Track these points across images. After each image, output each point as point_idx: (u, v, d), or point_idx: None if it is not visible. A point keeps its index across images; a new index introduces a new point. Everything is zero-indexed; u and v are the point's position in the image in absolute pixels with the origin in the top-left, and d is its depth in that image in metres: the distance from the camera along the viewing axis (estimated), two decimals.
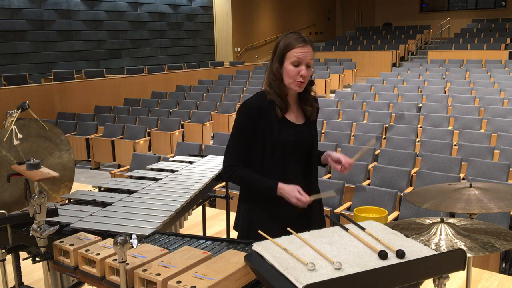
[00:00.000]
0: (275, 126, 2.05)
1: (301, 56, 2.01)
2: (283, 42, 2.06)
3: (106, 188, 2.75)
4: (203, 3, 15.70)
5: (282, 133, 2.06)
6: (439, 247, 1.70)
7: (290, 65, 2.02)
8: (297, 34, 2.08)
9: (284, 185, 2.01)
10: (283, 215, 2.08)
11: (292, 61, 2.02)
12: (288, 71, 2.02)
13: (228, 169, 2.10)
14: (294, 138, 2.09)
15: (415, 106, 8.52)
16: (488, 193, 2.00)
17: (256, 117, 2.05)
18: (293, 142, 2.09)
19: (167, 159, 4.52)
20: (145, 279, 1.53)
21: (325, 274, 1.27)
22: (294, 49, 2.02)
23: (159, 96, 11.06)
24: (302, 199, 1.97)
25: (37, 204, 1.77)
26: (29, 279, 2.91)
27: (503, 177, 4.88)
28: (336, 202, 4.46)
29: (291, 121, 2.11)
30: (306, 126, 2.15)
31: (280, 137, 2.05)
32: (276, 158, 2.06)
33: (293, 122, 2.11)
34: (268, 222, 2.09)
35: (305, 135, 2.13)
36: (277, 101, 2.05)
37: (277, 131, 2.05)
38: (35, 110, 3.12)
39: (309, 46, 2.04)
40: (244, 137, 2.08)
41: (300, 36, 2.06)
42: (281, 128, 2.06)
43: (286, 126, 2.08)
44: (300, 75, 2.01)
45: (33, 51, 11.34)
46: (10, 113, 2.48)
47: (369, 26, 19.93)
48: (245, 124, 2.07)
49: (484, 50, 13.69)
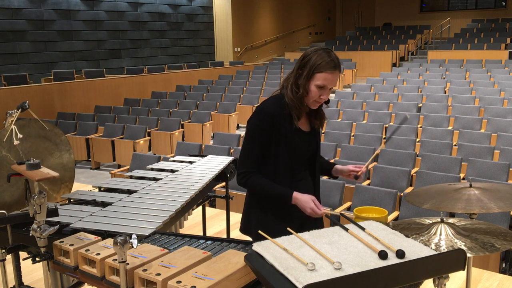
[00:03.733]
0: (289, 134, 2.09)
1: (328, 83, 2.03)
2: (314, 60, 2.01)
3: (106, 188, 2.75)
4: (203, 3, 15.70)
5: (295, 141, 2.10)
6: (439, 247, 1.70)
7: (315, 87, 2.03)
8: (329, 54, 2.03)
9: (299, 195, 2.04)
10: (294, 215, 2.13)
11: (317, 84, 2.02)
12: (311, 91, 2.04)
13: (242, 175, 2.11)
14: (303, 146, 2.14)
15: (415, 106, 8.52)
16: (488, 193, 2.00)
17: (271, 124, 2.06)
18: (302, 150, 2.15)
19: (167, 159, 4.52)
20: (145, 279, 1.53)
21: (325, 274, 1.27)
22: (323, 72, 2.01)
23: (159, 96, 11.06)
24: (317, 211, 2.01)
25: (37, 204, 1.77)
26: (29, 279, 2.91)
27: (503, 177, 4.88)
28: (336, 202, 4.47)
29: (302, 129, 2.15)
30: (313, 134, 2.20)
31: (293, 145, 2.10)
32: (288, 165, 2.10)
33: (303, 129, 2.15)
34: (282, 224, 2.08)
35: (312, 143, 2.19)
36: (295, 112, 2.08)
37: (290, 138, 2.09)
38: (35, 110, 3.12)
39: (338, 74, 2.05)
40: (259, 144, 2.09)
41: (332, 60, 2.03)
42: (294, 136, 2.10)
43: (298, 134, 2.12)
44: (321, 98, 2.06)
45: (33, 51, 11.34)
46: (10, 113, 2.48)
47: (369, 26, 19.93)
48: (261, 131, 2.08)
49: (484, 50, 13.69)
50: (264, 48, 17.86)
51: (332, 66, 2.01)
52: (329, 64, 2.00)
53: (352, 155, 5.77)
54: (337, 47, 16.40)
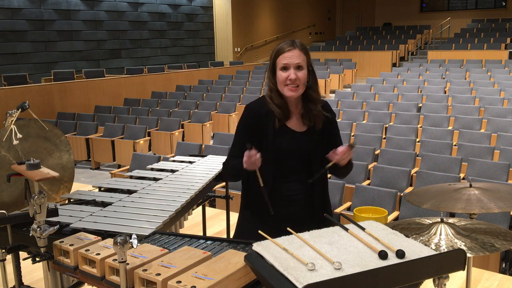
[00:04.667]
0: (271, 132, 2.06)
1: (287, 60, 1.99)
2: (274, 51, 2.05)
3: (106, 188, 2.75)
4: (203, 3, 15.70)
5: (276, 140, 2.06)
6: (439, 247, 1.70)
7: (280, 72, 2.01)
8: (289, 40, 2.06)
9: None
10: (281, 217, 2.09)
11: (280, 67, 2.01)
12: (278, 77, 2.02)
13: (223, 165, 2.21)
14: (288, 145, 2.08)
15: (415, 106, 8.52)
16: (488, 193, 2.00)
17: (254, 122, 2.09)
18: (287, 149, 2.08)
19: (167, 159, 4.52)
20: (145, 279, 1.53)
21: (325, 274, 1.27)
22: (281, 55, 2.01)
23: (159, 96, 11.06)
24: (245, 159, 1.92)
25: (37, 204, 1.77)
26: (29, 279, 2.91)
27: (503, 177, 4.88)
28: (336, 202, 4.46)
29: (290, 128, 2.10)
30: (307, 134, 2.11)
31: (274, 144, 2.06)
32: (270, 163, 2.06)
33: (293, 129, 2.10)
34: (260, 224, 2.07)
35: (304, 142, 2.10)
36: (276, 112, 2.05)
37: (272, 137, 2.06)
38: (35, 110, 3.12)
39: (296, 49, 2.00)
40: (241, 139, 2.12)
41: (289, 41, 2.04)
42: (277, 135, 2.07)
43: (283, 133, 2.08)
44: (289, 79, 1.99)
45: (33, 51, 11.34)
46: (10, 113, 2.48)
47: (369, 26, 19.94)
48: (244, 127, 2.13)
49: (484, 50, 13.69)
50: (264, 48, 17.85)
51: (289, 45, 2.01)
52: (284, 45, 2.01)
53: (352, 155, 5.75)
54: (337, 47, 16.40)
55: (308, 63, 2.04)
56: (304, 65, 2.01)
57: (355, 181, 4.96)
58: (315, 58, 15.24)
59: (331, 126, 2.18)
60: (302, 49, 2.02)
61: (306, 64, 2.03)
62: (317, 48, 16.96)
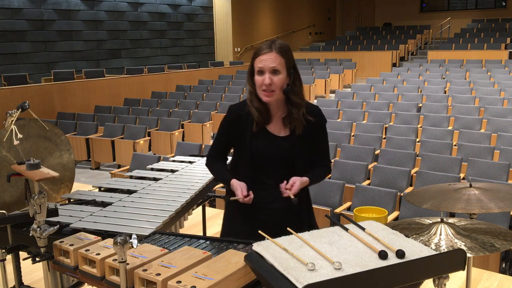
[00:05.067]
0: (249, 135, 2.02)
1: (263, 64, 1.92)
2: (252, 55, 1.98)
3: (106, 188, 2.75)
4: (203, 3, 15.69)
5: (253, 143, 2.02)
6: (439, 247, 1.70)
7: (257, 76, 1.95)
8: (268, 41, 1.98)
9: (234, 181, 2.03)
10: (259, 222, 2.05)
11: (257, 71, 1.95)
12: (255, 80, 1.96)
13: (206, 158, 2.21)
14: (266, 150, 2.02)
15: (415, 106, 8.52)
16: (488, 193, 2.00)
17: (234, 123, 2.07)
18: (264, 153, 2.03)
19: (167, 159, 4.52)
20: (145, 279, 1.53)
21: (325, 274, 1.27)
22: (257, 57, 1.95)
23: (159, 96, 11.06)
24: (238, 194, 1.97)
25: (37, 204, 1.77)
26: (29, 279, 2.91)
27: (503, 177, 4.88)
28: (336, 202, 4.47)
29: (270, 132, 2.04)
30: (288, 139, 2.03)
31: (251, 147, 2.02)
32: (247, 166, 2.04)
33: (273, 133, 2.04)
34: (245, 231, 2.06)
35: (284, 147, 2.02)
36: (254, 115, 2.00)
37: (249, 140, 2.03)
38: (35, 110, 3.12)
39: (272, 52, 1.92)
40: (222, 136, 2.14)
41: (268, 42, 1.96)
42: (255, 138, 2.02)
43: (261, 137, 2.03)
44: (264, 84, 1.92)
45: (33, 51, 11.33)
46: (10, 113, 2.48)
47: (369, 26, 19.93)
48: (224, 127, 2.12)
49: (484, 50, 13.69)
50: None
51: (265, 47, 1.94)
52: (263, 46, 1.95)
53: (352, 155, 5.77)
54: (337, 47, 16.40)
55: (288, 65, 1.96)
56: (281, 68, 1.93)
57: (355, 181, 4.96)
58: (315, 58, 15.25)
59: (316, 132, 2.07)
60: (280, 52, 1.93)
61: (285, 67, 1.94)
62: (317, 48, 16.96)
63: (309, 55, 15.92)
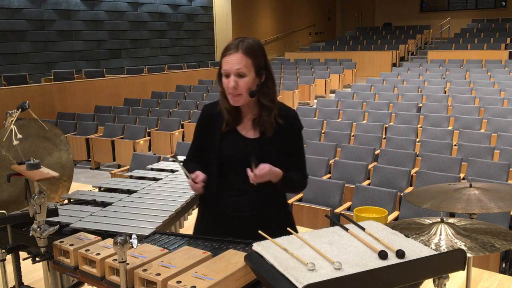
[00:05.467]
0: (218, 135, 1.95)
1: (227, 66, 1.81)
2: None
3: (106, 188, 2.75)
4: (203, 3, 15.69)
5: (222, 144, 1.94)
6: (439, 247, 1.70)
7: (223, 78, 1.84)
8: (236, 40, 1.84)
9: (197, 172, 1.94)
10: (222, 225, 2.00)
11: (222, 72, 1.84)
12: (223, 82, 1.85)
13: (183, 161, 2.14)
14: (233, 152, 1.93)
15: (415, 106, 8.52)
16: (488, 193, 2.00)
17: (206, 123, 2.01)
18: (232, 154, 1.93)
19: (167, 159, 4.52)
20: (145, 279, 1.53)
21: (325, 274, 1.27)
22: (223, 58, 1.83)
23: (159, 96, 11.06)
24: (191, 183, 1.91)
25: (37, 204, 1.77)
26: (29, 279, 2.90)
27: (503, 177, 4.88)
28: (336, 202, 4.47)
29: (241, 133, 1.94)
30: (258, 141, 1.92)
31: (218, 148, 1.94)
32: (214, 167, 1.96)
33: (243, 135, 1.94)
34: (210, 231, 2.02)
35: (254, 150, 1.90)
36: (225, 115, 1.92)
37: (217, 140, 1.95)
38: (35, 110, 3.12)
39: (238, 53, 1.79)
40: (196, 138, 2.08)
41: (236, 41, 1.83)
42: (224, 138, 1.94)
43: (230, 138, 1.94)
44: (229, 87, 1.82)
45: (33, 51, 11.33)
46: (10, 113, 2.48)
47: (369, 26, 19.94)
48: (198, 128, 2.06)
49: (484, 50, 13.69)
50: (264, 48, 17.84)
51: (230, 48, 1.82)
52: (227, 47, 1.83)
53: (352, 155, 5.77)
54: (337, 47, 16.40)
55: (256, 66, 1.83)
56: (247, 71, 1.80)
57: (355, 181, 4.96)
58: (315, 58, 15.25)
59: (288, 137, 1.95)
60: (246, 52, 1.80)
61: (253, 69, 1.82)
62: (317, 48, 16.96)
63: (309, 55, 15.92)
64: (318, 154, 5.86)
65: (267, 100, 1.89)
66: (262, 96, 1.88)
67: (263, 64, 1.86)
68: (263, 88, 1.88)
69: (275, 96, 1.92)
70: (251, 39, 1.85)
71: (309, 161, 5.41)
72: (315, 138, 6.74)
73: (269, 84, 1.90)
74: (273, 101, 1.91)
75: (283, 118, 1.92)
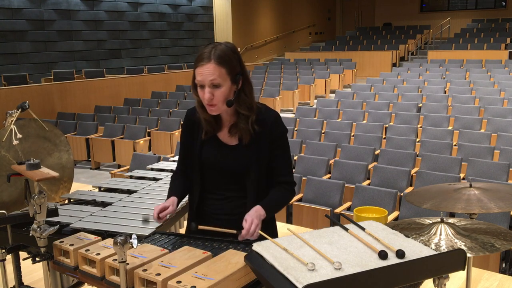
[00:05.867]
0: (199, 142, 1.92)
1: (201, 78, 1.74)
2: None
3: (106, 188, 2.75)
4: (203, 3, 15.70)
5: (202, 151, 1.92)
6: (439, 247, 1.70)
7: (198, 87, 1.77)
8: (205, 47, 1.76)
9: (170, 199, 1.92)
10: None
11: (197, 83, 1.77)
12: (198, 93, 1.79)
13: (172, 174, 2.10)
14: (213, 158, 1.90)
15: (415, 106, 8.52)
16: (488, 193, 2.00)
17: (189, 128, 1.97)
18: (211, 161, 1.90)
19: (167, 159, 4.52)
20: (145, 279, 1.53)
21: (325, 274, 1.27)
22: (196, 69, 1.75)
23: (159, 96, 11.06)
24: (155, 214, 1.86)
25: (37, 204, 1.77)
26: (29, 279, 2.90)
27: (503, 177, 4.88)
28: (336, 202, 4.47)
29: (220, 139, 1.91)
30: (236, 149, 1.88)
31: (199, 155, 1.92)
32: (196, 174, 1.95)
33: (223, 141, 1.90)
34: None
35: (235, 157, 1.87)
36: (203, 123, 1.88)
37: (199, 146, 1.92)
38: (35, 110, 3.12)
39: (210, 63, 1.72)
40: (182, 145, 2.02)
41: (206, 50, 1.74)
42: (204, 145, 1.91)
43: (210, 144, 1.91)
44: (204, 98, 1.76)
45: (33, 51, 11.34)
46: (10, 113, 2.48)
47: (369, 26, 19.94)
48: (182, 132, 2.02)
49: (484, 50, 13.69)
50: (264, 48, 17.86)
51: (202, 58, 1.73)
52: (199, 57, 1.75)
53: (352, 155, 5.77)
54: (337, 47, 16.40)
55: (231, 74, 1.76)
56: (222, 80, 1.73)
57: (355, 181, 4.96)
58: (315, 58, 15.25)
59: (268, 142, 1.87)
60: (219, 62, 1.72)
61: (228, 77, 1.75)
62: (317, 48, 16.96)
63: (309, 55, 15.92)
64: (318, 154, 5.86)
65: (244, 108, 1.82)
66: (239, 104, 1.81)
67: (239, 70, 1.79)
68: (241, 94, 1.81)
69: (252, 103, 1.85)
70: (224, 45, 1.77)
71: (309, 161, 5.41)
72: (315, 138, 6.74)
73: (246, 89, 1.83)
74: (250, 108, 1.83)
75: (261, 124, 1.85)
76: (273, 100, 10.59)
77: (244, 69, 1.83)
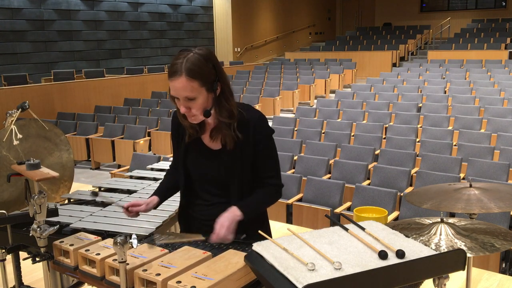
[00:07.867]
0: (183, 144, 1.90)
1: (174, 92, 1.68)
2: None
3: (106, 188, 2.75)
4: (203, 3, 15.70)
5: (187, 156, 1.90)
6: (439, 247, 1.70)
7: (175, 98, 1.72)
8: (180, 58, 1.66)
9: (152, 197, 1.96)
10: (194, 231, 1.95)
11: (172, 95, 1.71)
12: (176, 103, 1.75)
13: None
14: (196, 161, 1.88)
15: (415, 106, 8.52)
16: (488, 193, 2.00)
17: (176, 130, 1.94)
18: (194, 165, 1.88)
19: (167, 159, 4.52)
20: (145, 279, 1.53)
21: (325, 274, 1.27)
22: (169, 81, 1.68)
23: (159, 96, 11.06)
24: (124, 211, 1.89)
25: (37, 204, 1.77)
26: (29, 279, 2.90)
27: (503, 177, 4.88)
28: (336, 202, 4.47)
29: (205, 143, 1.87)
30: (220, 153, 1.83)
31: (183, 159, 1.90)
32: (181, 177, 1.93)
33: (207, 145, 1.86)
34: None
35: (218, 163, 1.83)
36: (186, 128, 1.85)
37: (183, 149, 1.90)
38: (35, 110, 3.12)
39: (181, 78, 1.63)
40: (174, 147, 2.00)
41: (176, 62, 1.66)
42: (188, 149, 1.89)
43: (194, 149, 1.88)
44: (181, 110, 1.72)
45: (33, 51, 11.34)
46: (10, 113, 2.48)
47: (369, 26, 19.94)
48: (171, 135, 2.00)
49: (484, 50, 13.70)
50: (264, 48, 17.86)
51: (172, 72, 1.66)
52: (171, 70, 1.67)
53: (352, 155, 5.77)
54: (337, 47, 16.41)
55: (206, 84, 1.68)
56: (196, 93, 1.66)
57: (355, 181, 4.96)
58: (315, 58, 15.26)
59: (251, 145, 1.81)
60: (190, 75, 1.63)
61: (203, 88, 1.67)
62: (317, 48, 16.96)
63: (309, 55, 15.92)
64: (318, 154, 5.86)
65: (224, 115, 1.76)
66: (220, 111, 1.75)
67: (214, 77, 1.71)
68: (220, 101, 1.75)
69: (233, 108, 1.77)
70: (196, 53, 1.67)
71: (309, 161, 5.41)
72: (315, 138, 6.74)
73: (226, 94, 1.77)
74: (231, 115, 1.77)
75: (243, 127, 1.79)
76: (273, 100, 10.58)
77: (222, 74, 1.76)
